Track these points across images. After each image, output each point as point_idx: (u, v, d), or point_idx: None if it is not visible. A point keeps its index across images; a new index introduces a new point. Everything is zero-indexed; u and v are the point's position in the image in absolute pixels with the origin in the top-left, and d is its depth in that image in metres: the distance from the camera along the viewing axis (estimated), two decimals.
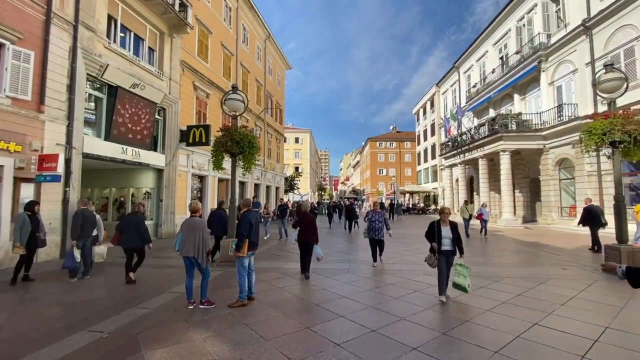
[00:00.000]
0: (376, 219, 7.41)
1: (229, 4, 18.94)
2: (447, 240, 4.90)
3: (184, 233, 4.63)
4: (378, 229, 7.34)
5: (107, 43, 10.24)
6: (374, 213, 7.51)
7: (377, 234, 7.34)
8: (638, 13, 12.50)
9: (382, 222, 7.44)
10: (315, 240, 6.34)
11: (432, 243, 4.97)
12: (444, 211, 5.15)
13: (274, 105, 26.79)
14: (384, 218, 7.53)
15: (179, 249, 4.63)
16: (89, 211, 6.59)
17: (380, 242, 7.46)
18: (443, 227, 4.98)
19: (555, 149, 16.87)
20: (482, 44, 25.19)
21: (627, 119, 6.45)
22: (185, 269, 4.70)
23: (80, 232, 6.26)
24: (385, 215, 7.64)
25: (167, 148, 12.98)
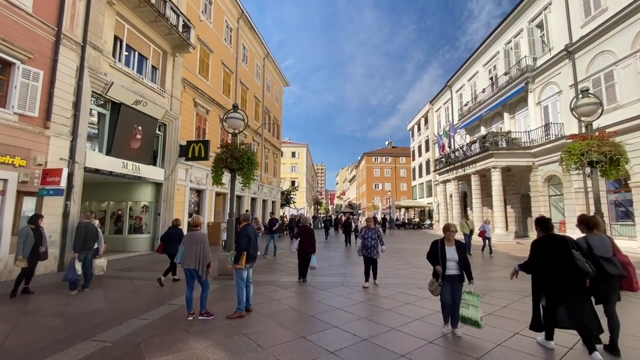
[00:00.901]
0: (369, 235, 7.09)
1: (230, 25, 19.68)
2: (452, 263, 4.13)
3: (186, 246, 4.86)
4: (371, 247, 6.99)
5: (113, 62, 10.67)
6: (367, 230, 7.22)
7: (371, 252, 6.98)
8: (616, 40, 13.28)
9: (376, 239, 7.08)
10: (312, 250, 7.52)
11: (435, 266, 4.23)
12: (448, 228, 4.32)
13: (272, 121, 27.35)
14: (377, 235, 7.15)
15: (180, 261, 4.85)
16: (91, 224, 6.78)
17: (373, 261, 7.04)
18: (448, 246, 4.22)
19: (543, 166, 17.42)
20: (473, 65, 26.20)
21: (602, 140, 6.90)
22: (186, 281, 4.90)
23: (83, 244, 6.44)
24: (380, 232, 7.26)
25: (167, 162, 13.25)
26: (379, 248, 7.07)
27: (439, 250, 4.22)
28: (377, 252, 7.05)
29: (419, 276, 8.16)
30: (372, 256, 6.98)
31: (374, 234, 7.11)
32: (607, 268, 3.60)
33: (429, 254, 4.41)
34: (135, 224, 12.97)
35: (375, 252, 7.02)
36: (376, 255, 7.02)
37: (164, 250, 7.27)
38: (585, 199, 14.75)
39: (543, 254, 3.75)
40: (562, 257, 3.57)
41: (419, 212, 42.81)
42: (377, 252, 7.05)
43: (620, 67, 13.12)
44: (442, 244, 4.25)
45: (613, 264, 3.63)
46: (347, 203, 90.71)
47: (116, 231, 12.95)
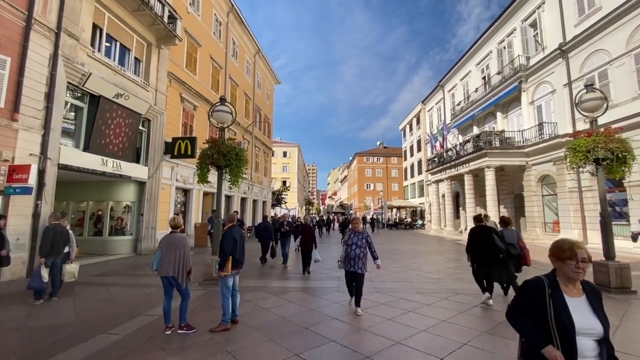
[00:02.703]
0: (355, 242, 5.19)
1: (220, 19, 19.01)
2: None
3: (163, 250, 4.31)
4: (357, 257, 5.09)
5: (91, 52, 9.96)
6: (353, 234, 5.29)
7: (356, 265, 5.07)
8: (610, 39, 13.20)
9: (365, 247, 5.17)
10: (314, 246, 8.21)
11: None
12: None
13: (263, 119, 26.71)
14: (367, 241, 5.23)
15: (156, 268, 4.29)
16: (61, 226, 6.13)
17: (358, 277, 5.10)
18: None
19: (537, 165, 17.32)
20: (466, 64, 26.10)
21: (609, 137, 6.61)
22: (164, 290, 4.35)
23: (50, 249, 5.79)
24: (370, 238, 5.33)
25: (151, 160, 12.56)
26: (367, 259, 5.22)
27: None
28: (365, 265, 5.16)
29: (417, 279, 7.76)
30: (357, 270, 5.07)
31: (362, 241, 5.20)
32: (511, 250, 5.84)
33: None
34: (116, 225, 12.23)
35: (362, 265, 5.11)
36: (363, 270, 5.10)
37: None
38: (579, 198, 14.66)
39: (476, 238, 5.86)
40: (487, 240, 5.63)
41: (411, 212, 42.72)
42: (365, 264, 5.17)
43: (615, 66, 13.04)
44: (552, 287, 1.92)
45: (515, 248, 5.95)
46: (338, 203, 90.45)
47: (96, 233, 12.19)
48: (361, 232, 5.33)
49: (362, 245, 5.19)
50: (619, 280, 6.23)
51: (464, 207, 23.42)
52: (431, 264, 10.09)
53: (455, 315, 4.90)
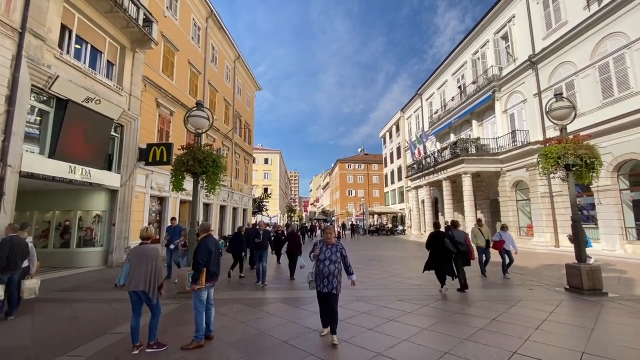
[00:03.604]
0: (328, 256, 4.31)
1: (198, 24, 18.70)
2: None
3: (132, 263, 4.03)
4: (331, 275, 4.22)
5: (59, 53, 9.47)
6: (325, 247, 4.42)
7: (330, 284, 4.20)
8: (576, 51, 13.97)
9: (339, 262, 4.34)
10: (299, 252, 8.62)
11: None
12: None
13: (243, 125, 26.36)
14: (342, 255, 4.38)
15: (124, 283, 4.00)
16: (19, 238, 5.65)
17: (332, 298, 4.21)
18: None
19: (511, 171, 17.95)
20: (442, 74, 26.94)
21: (578, 144, 6.90)
22: (132, 306, 4.05)
23: (6, 263, 5.32)
24: (345, 251, 4.48)
25: (124, 167, 12.01)
26: (341, 277, 4.34)
27: None
28: (340, 284, 4.30)
29: (398, 286, 7.73)
30: (332, 291, 4.20)
31: (336, 254, 4.34)
32: (460, 247, 7.13)
33: None
34: (85, 236, 11.54)
35: (338, 284, 4.25)
36: (338, 289, 4.25)
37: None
38: (551, 203, 15.27)
39: (432, 240, 7.08)
40: (441, 241, 6.90)
41: (392, 218, 43.19)
42: (340, 282, 4.31)
43: (580, 77, 13.79)
44: None
45: (462, 245, 7.23)
46: (320, 210, 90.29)
47: (62, 244, 11.44)
48: (334, 243, 4.44)
49: (336, 259, 4.30)
50: (591, 282, 6.44)
51: (442, 213, 23.87)
52: (412, 270, 10.11)
53: (436, 323, 4.87)
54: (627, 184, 12.35)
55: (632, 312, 5.28)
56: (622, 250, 11.94)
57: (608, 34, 12.58)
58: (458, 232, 7.42)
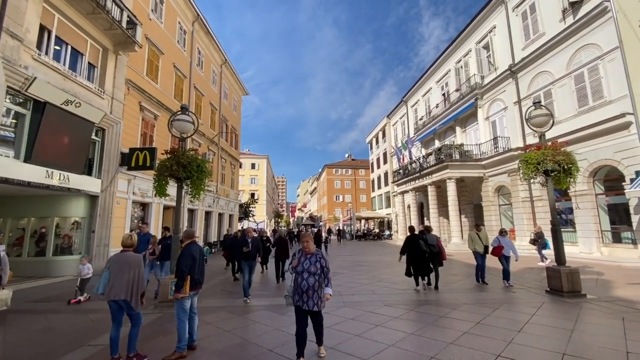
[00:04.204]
0: (306, 267, 3.80)
1: (184, 27, 18.52)
2: None
3: (113, 272, 3.87)
4: (311, 289, 3.70)
5: (37, 54, 9.16)
6: (304, 257, 3.91)
7: (310, 300, 3.69)
8: (553, 62, 14.56)
9: (319, 273, 3.78)
10: (287, 256, 9.28)
11: None
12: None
13: (229, 130, 26.12)
14: (322, 265, 3.83)
15: (103, 292, 3.84)
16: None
17: (315, 317, 3.81)
18: None
19: (493, 177, 18.41)
20: (427, 82, 27.54)
21: (556, 150, 7.15)
22: (112, 316, 3.89)
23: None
24: (325, 261, 3.91)
25: (105, 172, 11.67)
26: (322, 292, 3.81)
27: None
28: (322, 298, 3.77)
29: (385, 291, 7.76)
30: (312, 308, 3.68)
31: (316, 265, 3.80)
32: (432, 249, 7.88)
33: None
34: (62, 244, 11.09)
35: (319, 300, 3.74)
36: (320, 306, 3.74)
37: None
38: (531, 207, 15.72)
39: (408, 242, 7.93)
40: (416, 244, 7.80)
41: (379, 223, 43.50)
42: (322, 297, 3.78)
43: (557, 86, 14.35)
44: None
45: (434, 247, 7.95)
46: (308, 215, 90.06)
47: (38, 253, 10.94)
48: (314, 252, 3.89)
49: (316, 271, 3.74)
50: (570, 284, 6.63)
51: (428, 217, 24.23)
52: (398, 274, 10.15)
53: (422, 327, 4.89)
54: (602, 188, 12.86)
55: (609, 313, 5.46)
56: (599, 252, 12.37)
57: (583, 45, 13.18)
58: (431, 235, 8.21)
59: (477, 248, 8.56)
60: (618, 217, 12.29)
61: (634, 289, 7.17)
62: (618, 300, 6.30)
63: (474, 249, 8.62)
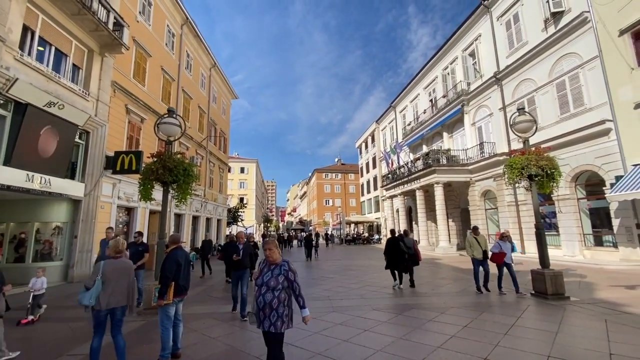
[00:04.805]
0: (265, 280, 3.10)
1: (173, 30, 18.35)
2: None
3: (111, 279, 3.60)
4: (268, 307, 3.00)
5: (19, 55, 8.91)
6: (267, 268, 3.22)
7: (266, 320, 2.99)
8: (536, 70, 15.01)
9: (282, 288, 3.07)
10: None
11: None
12: None
13: (218, 134, 25.89)
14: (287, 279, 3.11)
15: (92, 302, 3.59)
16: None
17: (270, 340, 3.04)
18: None
19: (480, 181, 18.75)
20: (415, 88, 27.98)
21: (540, 155, 7.34)
22: (98, 326, 3.61)
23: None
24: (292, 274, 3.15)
25: (88, 176, 11.37)
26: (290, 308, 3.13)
27: None
28: (283, 318, 3.02)
29: (373, 295, 7.75)
30: (268, 329, 2.99)
31: (278, 278, 3.08)
32: (409, 251, 8.63)
33: None
34: (42, 250, 10.72)
35: (278, 320, 2.98)
36: (279, 327, 2.98)
37: None
38: (516, 211, 16.05)
39: (390, 244, 8.82)
40: (396, 246, 8.65)
41: (368, 227, 43.64)
42: (284, 317, 3.03)
43: (540, 93, 14.78)
44: None
45: (412, 249, 8.71)
46: (298, 219, 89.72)
47: (17, 259, 10.54)
48: (278, 263, 3.18)
49: (276, 286, 3.02)
50: (554, 287, 6.77)
51: (416, 221, 24.43)
52: (387, 279, 10.16)
53: (410, 332, 4.90)
54: (583, 193, 13.24)
55: (592, 315, 5.59)
56: (582, 255, 12.69)
57: (564, 54, 13.63)
58: (408, 239, 9.08)
59: (475, 254, 7.84)
60: (599, 220, 12.66)
61: (615, 291, 7.37)
62: (600, 302, 6.45)
63: (472, 255, 7.91)
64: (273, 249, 3.26)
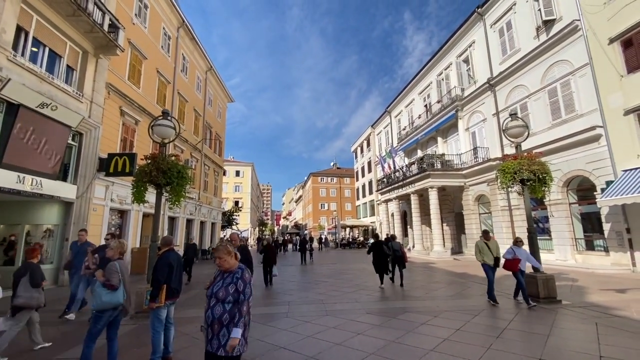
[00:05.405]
0: (215, 292, 2.65)
1: (169, 33, 18.35)
2: None
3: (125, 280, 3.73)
4: (215, 323, 2.53)
5: (12, 55, 8.84)
6: (219, 276, 2.77)
7: (214, 339, 2.50)
8: (528, 76, 15.25)
9: (232, 301, 2.57)
10: (274, 262, 10.12)
11: None
12: None
13: (213, 137, 25.83)
14: (237, 290, 2.59)
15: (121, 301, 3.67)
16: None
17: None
18: None
19: (473, 186, 18.90)
20: (410, 93, 28.23)
21: (532, 160, 7.44)
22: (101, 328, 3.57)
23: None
24: (243, 284, 2.61)
25: (81, 178, 11.26)
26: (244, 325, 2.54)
27: None
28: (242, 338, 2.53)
29: (367, 299, 7.75)
30: (215, 350, 2.49)
31: (229, 288, 2.62)
32: (396, 254, 9.79)
33: None
34: None
35: (227, 339, 2.46)
36: (225, 350, 2.44)
37: None
38: (510, 216, 16.19)
39: (374, 247, 9.87)
40: (380, 248, 9.69)
41: (363, 231, 43.65)
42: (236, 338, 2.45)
43: (533, 99, 15.01)
44: None
45: (398, 252, 9.84)
46: (293, 223, 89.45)
47: (6, 262, 10.34)
48: (232, 271, 2.71)
49: (226, 297, 2.56)
50: (546, 290, 6.82)
51: (411, 226, 24.53)
52: (386, 286, 10.19)
53: (403, 335, 4.90)
54: (575, 198, 13.41)
55: (583, 318, 5.64)
56: (574, 260, 12.82)
57: (555, 61, 13.88)
58: (395, 242, 10.14)
59: (486, 260, 7.10)
60: (591, 225, 12.81)
61: (606, 295, 7.45)
62: (592, 305, 6.52)
63: (482, 260, 7.18)
64: (224, 257, 2.70)
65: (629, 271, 10.66)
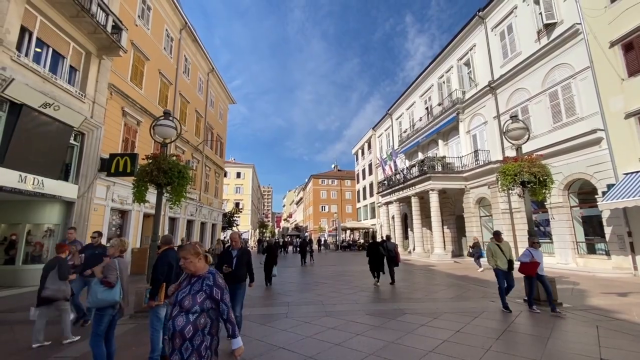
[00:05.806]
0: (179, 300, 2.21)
1: (171, 35, 18.46)
2: None
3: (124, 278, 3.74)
4: (177, 337, 2.11)
5: (16, 55, 8.91)
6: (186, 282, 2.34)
7: (174, 354, 2.10)
8: (529, 79, 15.27)
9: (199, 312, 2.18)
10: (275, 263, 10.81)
11: None
12: None
13: (215, 138, 25.90)
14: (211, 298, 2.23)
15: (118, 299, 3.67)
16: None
17: None
18: None
19: (474, 189, 18.87)
20: (411, 96, 28.27)
21: (532, 162, 7.43)
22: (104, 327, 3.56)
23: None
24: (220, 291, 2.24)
25: (82, 178, 11.30)
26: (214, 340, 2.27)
27: None
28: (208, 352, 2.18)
29: (367, 300, 7.74)
30: None
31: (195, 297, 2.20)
32: (390, 253, 10.67)
33: None
34: (33, 252, 10.58)
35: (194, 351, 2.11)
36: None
37: None
38: (511, 218, 16.15)
39: (370, 246, 10.82)
40: (376, 249, 10.58)
41: (364, 234, 43.58)
42: (200, 354, 2.12)
43: (533, 102, 15.01)
44: None
45: (392, 252, 10.74)
46: (294, 225, 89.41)
47: (7, 261, 10.38)
48: (201, 275, 2.33)
49: (191, 307, 2.17)
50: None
51: (411, 228, 24.48)
52: (382, 284, 10.18)
53: (403, 336, 4.89)
54: (576, 201, 13.38)
55: (584, 321, 5.62)
56: (575, 263, 12.77)
57: (556, 64, 13.90)
58: (390, 243, 11.05)
59: (499, 264, 6.48)
60: (592, 228, 12.77)
61: (607, 298, 7.42)
62: (592, 309, 6.49)
63: (495, 265, 6.54)
64: (189, 258, 2.31)
65: (630, 275, 10.61)
